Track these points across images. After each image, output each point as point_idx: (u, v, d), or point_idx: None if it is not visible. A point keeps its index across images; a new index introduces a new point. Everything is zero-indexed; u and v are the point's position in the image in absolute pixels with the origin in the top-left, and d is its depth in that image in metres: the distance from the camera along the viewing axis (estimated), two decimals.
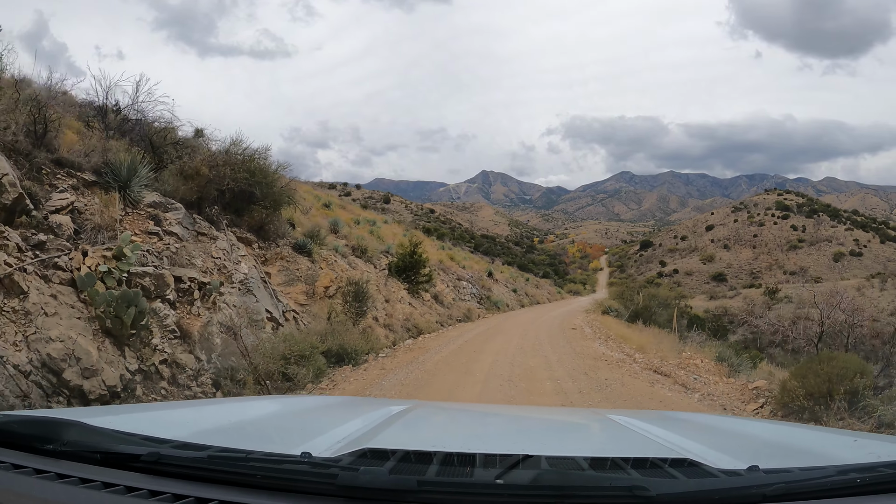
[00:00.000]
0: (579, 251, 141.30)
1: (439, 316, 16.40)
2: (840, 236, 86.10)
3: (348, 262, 13.17)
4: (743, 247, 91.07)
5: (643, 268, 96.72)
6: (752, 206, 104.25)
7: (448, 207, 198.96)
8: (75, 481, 0.84)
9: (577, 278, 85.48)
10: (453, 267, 22.89)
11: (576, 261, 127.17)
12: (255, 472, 0.85)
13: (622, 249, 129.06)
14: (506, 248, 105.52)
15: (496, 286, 27.47)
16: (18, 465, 0.89)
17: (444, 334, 13.14)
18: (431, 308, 16.64)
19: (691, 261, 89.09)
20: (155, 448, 0.90)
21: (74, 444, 0.93)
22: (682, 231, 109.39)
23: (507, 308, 24.81)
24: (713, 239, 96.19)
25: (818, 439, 1.43)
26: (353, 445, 1.02)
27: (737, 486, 0.85)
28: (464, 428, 1.68)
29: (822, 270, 77.89)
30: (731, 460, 1.03)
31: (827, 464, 0.97)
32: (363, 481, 0.80)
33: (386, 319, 11.95)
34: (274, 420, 1.58)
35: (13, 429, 0.99)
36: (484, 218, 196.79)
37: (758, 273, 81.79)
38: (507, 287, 30.13)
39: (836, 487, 0.88)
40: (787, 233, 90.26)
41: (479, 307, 21.52)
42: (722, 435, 1.58)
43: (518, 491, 0.82)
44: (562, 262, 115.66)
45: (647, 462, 0.97)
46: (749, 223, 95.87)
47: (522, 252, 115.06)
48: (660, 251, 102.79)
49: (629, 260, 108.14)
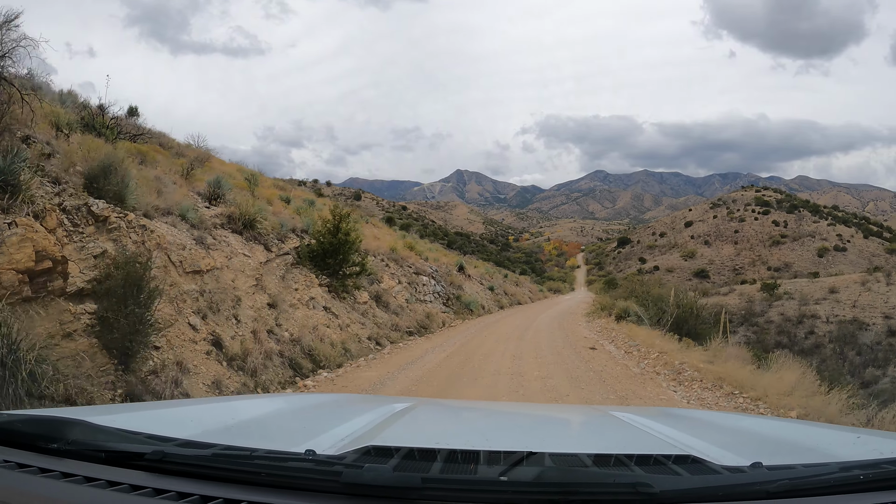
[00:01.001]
0: (555, 249, 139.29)
1: (377, 327, 10.65)
2: (822, 231, 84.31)
3: (200, 238, 7.32)
4: (724, 243, 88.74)
5: (622, 265, 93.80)
6: (730, 202, 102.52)
7: (422, 206, 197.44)
8: (80, 480, 0.84)
9: (555, 276, 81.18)
10: (411, 258, 17.16)
11: (552, 258, 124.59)
12: (259, 469, 0.85)
13: (599, 247, 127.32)
14: (481, 246, 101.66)
15: (469, 283, 21.86)
16: (23, 464, 0.88)
17: (362, 370, 7.37)
18: (367, 315, 10.88)
19: (672, 257, 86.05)
20: (159, 446, 0.90)
21: (79, 443, 0.93)
22: (661, 228, 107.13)
23: (481, 311, 19.23)
24: (693, 235, 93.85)
25: (821, 436, 1.38)
26: (357, 443, 1.01)
27: (740, 483, 0.85)
28: (467, 425, 1.68)
29: (807, 266, 75.63)
30: (734, 457, 1.04)
31: (830, 460, 0.98)
32: (367, 479, 0.80)
33: (244, 343, 6.11)
34: (277, 418, 1.55)
35: (17, 428, 0.98)
36: (458, 216, 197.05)
37: (741, 269, 79.34)
38: (482, 285, 24.54)
39: (839, 484, 0.87)
40: (769, 228, 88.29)
41: (444, 310, 15.86)
42: (725, 431, 1.56)
43: (522, 488, 0.81)
44: (538, 260, 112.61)
45: (650, 459, 0.98)
46: (729, 219, 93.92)
47: (498, 250, 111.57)
48: (638, 248, 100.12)
49: (607, 257, 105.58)
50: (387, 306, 12.16)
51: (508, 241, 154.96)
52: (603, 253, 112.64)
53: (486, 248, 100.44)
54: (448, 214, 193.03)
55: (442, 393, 5.67)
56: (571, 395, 5.50)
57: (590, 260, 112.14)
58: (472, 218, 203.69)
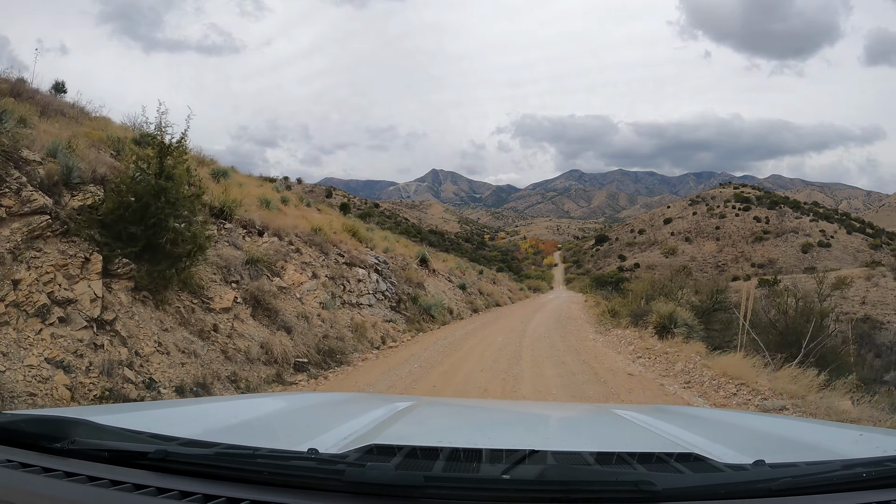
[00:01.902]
0: (532, 247, 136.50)
1: (224, 361, 5.45)
2: (805, 227, 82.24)
3: None
4: (706, 239, 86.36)
5: (601, 262, 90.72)
6: (709, 198, 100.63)
7: (397, 205, 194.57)
8: (83, 479, 0.83)
9: (533, 274, 76.86)
10: (345, 243, 11.93)
11: (529, 257, 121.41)
12: (262, 468, 0.84)
13: (576, 245, 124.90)
14: (455, 244, 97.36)
15: (433, 280, 16.75)
16: (26, 463, 0.88)
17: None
18: (215, 335, 5.65)
19: (652, 254, 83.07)
20: (162, 446, 0.89)
21: (82, 443, 0.92)
22: (639, 225, 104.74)
23: (448, 316, 14.14)
24: (673, 232, 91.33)
25: (823, 434, 1.37)
26: (360, 442, 1.01)
27: (743, 481, 0.85)
28: (470, 423, 1.65)
29: (792, 262, 73.13)
30: (736, 455, 1.03)
31: (833, 458, 0.97)
32: (370, 477, 0.79)
33: None
34: (280, 417, 1.53)
35: (21, 428, 0.98)
36: (433, 216, 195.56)
37: (723, 265, 76.86)
38: (450, 282, 19.40)
39: (842, 482, 0.87)
40: (751, 224, 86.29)
41: (389, 319, 10.73)
42: (726, 429, 1.54)
43: (524, 486, 0.81)
44: (515, 259, 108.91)
45: (652, 457, 0.98)
46: (710, 215, 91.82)
47: (473, 248, 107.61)
48: (617, 245, 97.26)
49: (585, 255, 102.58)
50: (274, 316, 6.94)
51: (484, 239, 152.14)
52: (580, 251, 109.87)
53: (461, 247, 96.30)
54: (423, 213, 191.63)
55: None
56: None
57: (567, 258, 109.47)
58: (447, 217, 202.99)
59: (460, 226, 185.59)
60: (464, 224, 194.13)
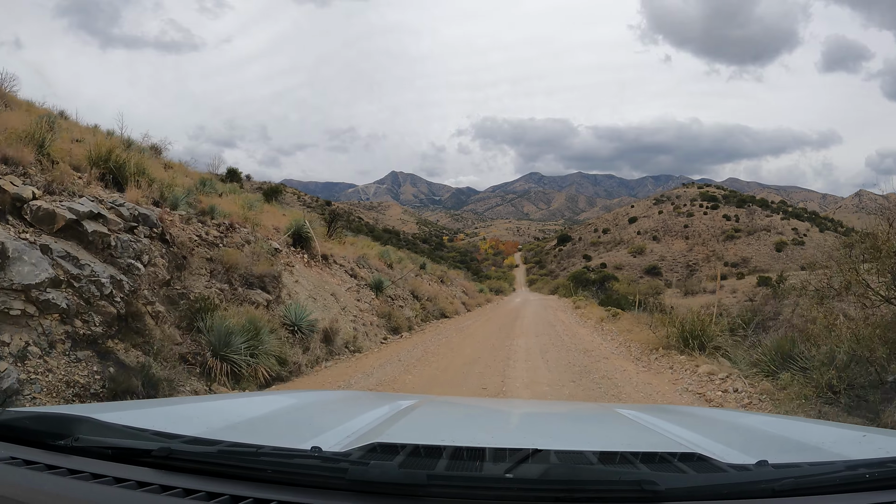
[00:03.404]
0: (492, 248, 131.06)
1: None
2: (777, 225, 79.93)
3: None
4: (674, 238, 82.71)
5: (564, 262, 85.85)
6: (674, 197, 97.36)
7: (354, 206, 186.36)
8: (87, 477, 0.84)
9: (493, 275, 70.16)
10: None
11: (489, 258, 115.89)
12: (265, 466, 0.85)
13: (538, 245, 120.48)
14: (412, 244, 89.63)
15: (314, 275, 8.95)
16: (30, 461, 0.88)
17: None
18: None
19: (619, 254, 78.60)
20: (166, 443, 0.90)
21: (86, 440, 0.92)
22: (603, 224, 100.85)
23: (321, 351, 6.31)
24: (639, 231, 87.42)
25: (827, 434, 1.35)
26: (363, 440, 1.01)
27: (746, 481, 0.85)
28: (473, 422, 1.65)
29: (766, 261, 70.39)
30: (739, 455, 1.04)
31: (836, 459, 0.97)
32: (373, 475, 0.80)
33: None
34: (284, 415, 1.51)
35: (25, 425, 0.98)
36: (392, 217, 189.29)
37: (694, 265, 73.11)
38: (354, 279, 11.57)
39: (845, 483, 0.87)
40: (721, 223, 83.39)
41: None
42: (730, 429, 1.54)
43: (527, 485, 0.81)
44: (474, 260, 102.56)
45: (655, 456, 0.97)
46: (676, 214, 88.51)
47: (430, 249, 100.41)
48: (580, 245, 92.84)
49: (547, 255, 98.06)
50: None
51: (443, 240, 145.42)
52: (543, 251, 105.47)
53: (418, 247, 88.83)
54: (381, 215, 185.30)
55: None
56: None
57: (528, 259, 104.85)
58: (405, 218, 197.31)
59: (418, 227, 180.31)
60: (422, 225, 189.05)
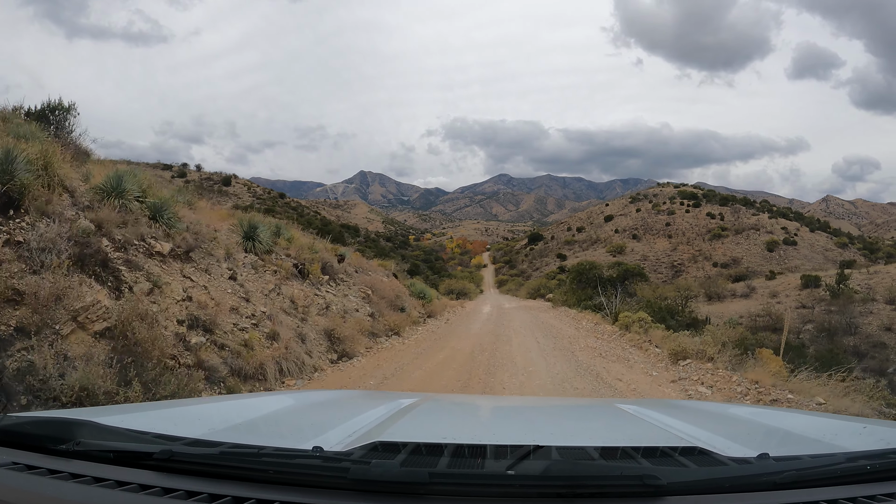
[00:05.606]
0: (459, 247, 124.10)
1: None
2: (765, 224, 75.57)
3: None
4: (656, 237, 77.60)
5: (537, 262, 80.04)
6: (651, 196, 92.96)
7: (319, 203, 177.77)
8: (89, 480, 0.84)
9: (458, 275, 63.23)
10: None
11: (455, 257, 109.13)
12: (267, 467, 0.85)
13: (507, 245, 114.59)
14: (373, 242, 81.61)
15: None
16: (32, 465, 0.88)
17: None
18: None
19: (596, 253, 72.91)
20: (167, 446, 0.90)
21: (87, 444, 0.92)
22: (577, 222, 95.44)
23: None
24: (617, 229, 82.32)
25: (828, 427, 1.36)
26: (364, 439, 1.01)
27: (747, 474, 0.85)
28: (474, 419, 1.66)
29: (757, 261, 66.23)
30: (740, 448, 1.03)
31: (837, 451, 0.97)
32: (375, 474, 0.80)
33: None
34: (285, 415, 1.53)
35: (26, 430, 0.98)
36: (357, 215, 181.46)
37: (680, 265, 68.23)
38: None
39: (846, 474, 0.87)
40: (705, 221, 78.73)
41: None
42: (731, 423, 1.55)
43: (529, 482, 0.81)
44: (439, 259, 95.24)
45: (657, 451, 0.97)
46: (656, 212, 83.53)
47: (393, 247, 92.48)
48: (553, 244, 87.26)
49: (518, 255, 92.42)
50: None
51: (408, 239, 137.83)
52: (513, 251, 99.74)
53: (379, 245, 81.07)
54: (346, 213, 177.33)
55: None
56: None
57: (498, 258, 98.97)
58: (371, 217, 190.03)
59: (384, 226, 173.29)
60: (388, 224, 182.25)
